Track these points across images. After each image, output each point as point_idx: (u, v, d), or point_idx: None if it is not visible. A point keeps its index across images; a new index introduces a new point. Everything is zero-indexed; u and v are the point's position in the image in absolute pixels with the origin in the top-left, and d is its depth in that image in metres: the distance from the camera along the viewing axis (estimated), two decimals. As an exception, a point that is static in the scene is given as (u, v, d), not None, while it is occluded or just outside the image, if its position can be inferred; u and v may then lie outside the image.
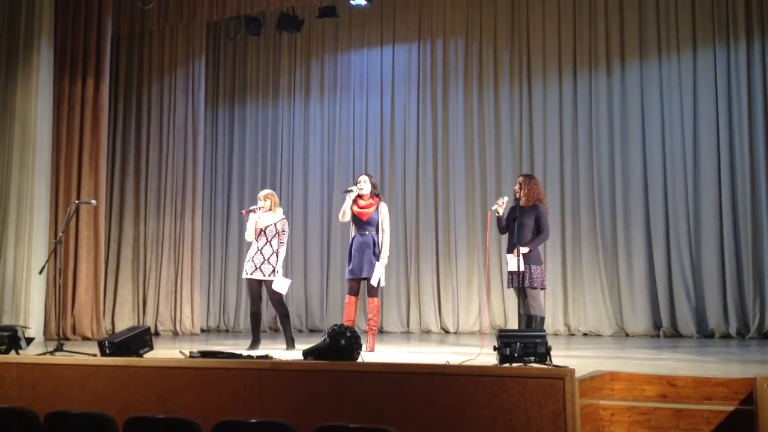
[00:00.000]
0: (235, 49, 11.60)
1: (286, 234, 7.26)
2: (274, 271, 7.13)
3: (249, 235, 7.21)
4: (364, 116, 10.84)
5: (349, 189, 7.01)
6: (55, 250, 6.90)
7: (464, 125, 10.21)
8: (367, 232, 6.86)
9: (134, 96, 10.70)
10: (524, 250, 6.48)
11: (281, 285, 7.13)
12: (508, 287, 6.84)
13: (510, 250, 6.58)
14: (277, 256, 7.18)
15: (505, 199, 6.77)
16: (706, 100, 8.90)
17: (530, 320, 6.53)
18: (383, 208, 6.97)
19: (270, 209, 7.24)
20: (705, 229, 8.77)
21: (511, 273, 6.57)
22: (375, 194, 6.99)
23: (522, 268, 6.42)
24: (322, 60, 11.19)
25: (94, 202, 8.44)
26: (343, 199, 7.02)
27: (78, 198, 9.17)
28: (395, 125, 10.66)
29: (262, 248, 7.15)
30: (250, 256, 7.20)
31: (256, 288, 7.22)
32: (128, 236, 10.45)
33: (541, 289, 6.65)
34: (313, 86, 11.21)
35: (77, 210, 8.96)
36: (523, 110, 9.91)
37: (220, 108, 11.67)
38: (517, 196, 6.71)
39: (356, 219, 6.93)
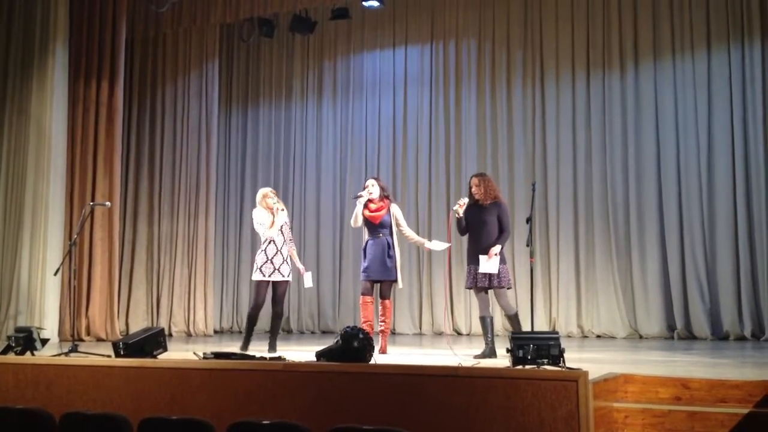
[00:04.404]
0: (249, 51, 11.64)
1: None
2: (291, 271, 7.15)
3: (273, 231, 7.09)
4: (377, 118, 10.85)
5: (358, 195, 6.99)
6: (69, 252, 6.95)
7: (477, 126, 10.20)
8: (380, 235, 6.86)
9: (148, 98, 10.76)
10: (497, 249, 6.42)
11: (309, 279, 7.31)
12: (468, 287, 6.69)
13: (478, 250, 6.48)
14: (292, 253, 7.24)
15: (466, 200, 6.69)
16: (720, 99, 8.84)
17: (509, 320, 6.49)
18: (394, 209, 6.97)
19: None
20: (719, 230, 8.71)
21: (482, 274, 6.45)
22: (385, 196, 6.98)
23: (495, 270, 6.38)
24: (334, 61, 11.21)
25: (108, 203, 8.49)
26: (354, 204, 7.01)
27: (92, 200, 9.24)
28: (408, 127, 10.66)
29: (281, 248, 7.13)
30: (268, 257, 7.07)
31: (266, 290, 7.16)
32: (142, 238, 10.50)
33: (508, 288, 6.56)
34: (326, 88, 11.23)
35: (92, 212, 9.02)
36: (536, 111, 9.89)
37: (234, 110, 11.72)
38: (477, 196, 6.65)
39: (368, 223, 6.93)
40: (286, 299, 7.40)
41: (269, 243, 7.11)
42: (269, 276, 7.06)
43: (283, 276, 7.11)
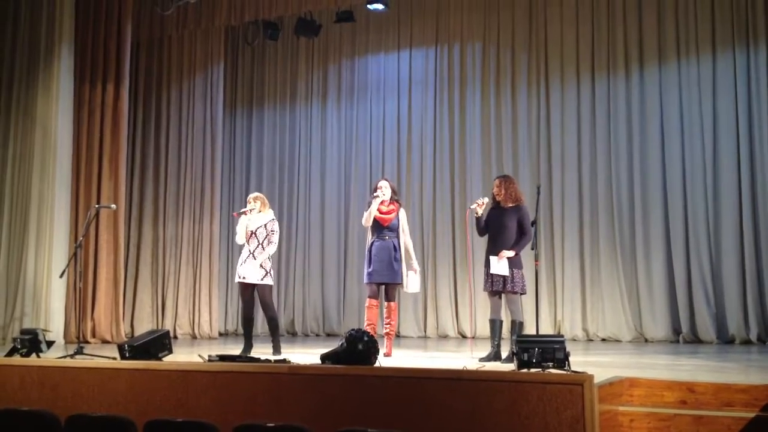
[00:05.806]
0: (253, 54, 11.66)
1: (276, 233, 7.22)
2: (267, 274, 7.12)
3: (240, 237, 7.20)
4: (381, 120, 10.86)
5: (375, 195, 6.98)
6: (75, 254, 6.96)
7: (481, 129, 10.20)
8: (387, 237, 6.87)
9: (153, 101, 10.79)
10: (510, 253, 6.42)
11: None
12: (485, 290, 6.65)
13: (494, 253, 6.48)
14: (263, 250, 7.08)
15: (486, 199, 6.67)
16: (725, 103, 8.83)
17: (512, 326, 6.47)
18: (402, 213, 6.99)
19: (260, 211, 7.23)
20: (725, 233, 8.69)
21: (493, 276, 6.47)
22: (395, 200, 7.01)
23: (507, 272, 6.37)
24: (339, 64, 11.23)
25: (113, 206, 8.51)
26: (361, 204, 7.03)
27: (98, 202, 9.25)
28: (412, 129, 10.66)
29: (254, 251, 7.13)
30: (242, 259, 7.17)
31: (248, 292, 7.17)
32: (147, 240, 10.52)
33: (522, 294, 6.55)
34: (331, 91, 11.24)
35: (97, 214, 9.04)
36: (541, 114, 9.88)
37: (239, 112, 11.74)
38: (497, 197, 6.65)
39: (377, 224, 6.93)
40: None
41: (243, 246, 7.23)
42: (243, 278, 7.12)
43: (257, 279, 7.08)
